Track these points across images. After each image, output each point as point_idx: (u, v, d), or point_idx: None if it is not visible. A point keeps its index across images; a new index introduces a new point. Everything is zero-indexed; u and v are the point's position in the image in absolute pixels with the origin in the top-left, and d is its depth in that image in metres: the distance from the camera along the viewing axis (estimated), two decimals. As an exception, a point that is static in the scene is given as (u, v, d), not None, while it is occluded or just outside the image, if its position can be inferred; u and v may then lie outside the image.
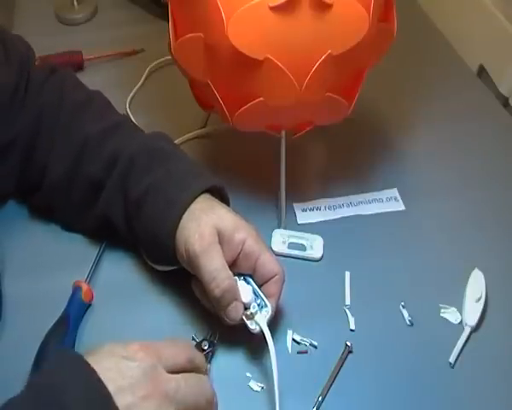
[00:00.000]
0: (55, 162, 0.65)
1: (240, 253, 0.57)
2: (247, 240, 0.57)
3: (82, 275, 0.64)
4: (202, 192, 0.59)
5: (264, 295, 0.58)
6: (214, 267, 0.55)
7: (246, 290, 0.57)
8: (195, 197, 0.59)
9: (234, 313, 0.56)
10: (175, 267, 0.61)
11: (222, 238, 0.57)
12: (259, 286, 0.58)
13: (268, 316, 0.57)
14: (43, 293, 0.63)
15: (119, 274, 0.66)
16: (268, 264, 0.58)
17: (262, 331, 0.56)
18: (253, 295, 0.57)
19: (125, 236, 0.64)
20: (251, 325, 0.57)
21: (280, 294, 0.58)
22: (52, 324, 0.59)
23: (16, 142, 0.65)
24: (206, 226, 0.56)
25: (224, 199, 0.62)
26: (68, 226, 0.69)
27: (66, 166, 0.65)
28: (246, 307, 0.57)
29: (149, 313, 0.62)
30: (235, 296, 0.56)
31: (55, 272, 0.65)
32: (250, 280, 0.58)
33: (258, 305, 0.57)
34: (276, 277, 0.58)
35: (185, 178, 0.61)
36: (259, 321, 0.56)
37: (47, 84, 0.68)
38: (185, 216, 0.58)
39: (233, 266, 0.58)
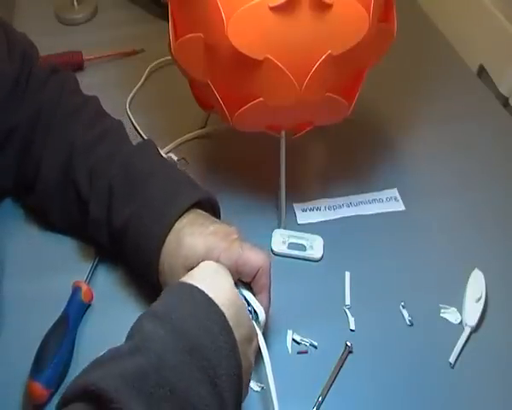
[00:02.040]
0: (48, 162, 0.66)
1: None
2: (220, 258, 0.55)
3: (82, 275, 0.64)
4: (181, 215, 0.58)
5: (255, 296, 0.57)
6: None
7: None
8: (171, 227, 0.58)
9: None
10: None
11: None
12: (250, 287, 0.58)
13: (262, 320, 0.56)
14: (43, 293, 0.63)
15: (119, 274, 0.66)
16: (248, 264, 0.56)
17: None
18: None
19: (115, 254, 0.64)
20: None
21: (270, 283, 0.57)
22: (52, 324, 0.59)
23: (14, 134, 0.66)
24: (179, 274, 0.55)
25: (213, 205, 0.62)
26: (63, 230, 0.69)
27: (57, 168, 0.65)
28: None
29: (149, 313, 0.62)
30: None
31: (54, 273, 0.65)
32: (240, 288, 0.57)
33: (251, 312, 0.57)
34: (260, 270, 0.56)
35: (161, 206, 0.59)
36: None
37: (48, 83, 0.69)
38: (163, 252, 0.57)
39: None
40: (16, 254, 0.67)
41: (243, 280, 0.57)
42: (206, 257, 0.55)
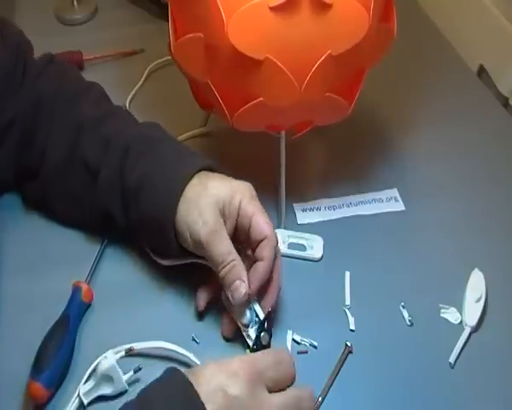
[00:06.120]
0: (53, 146, 0.65)
1: (238, 215, 0.58)
2: (241, 202, 0.58)
3: (82, 275, 0.64)
4: (196, 173, 0.60)
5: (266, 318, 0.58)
6: (220, 252, 0.56)
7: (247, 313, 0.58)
8: (189, 180, 0.59)
9: (237, 293, 0.56)
10: (177, 263, 0.62)
11: (223, 212, 0.58)
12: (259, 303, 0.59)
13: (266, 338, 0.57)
14: (42, 293, 0.63)
15: (119, 274, 0.66)
16: (258, 226, 0.58)
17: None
18: (253, 318, 0.58)
19: (125, 227, 0.63)
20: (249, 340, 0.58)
21: (272, 257, 0.58)
22: (52, 324, 0.58)
23: (13, 125, 0.66)
24: (208, 211, 0.57)
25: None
26: (67, 218, 0.68)
27: (63, 150, 0.65)
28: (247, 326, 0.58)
29: (149, 313, 0.62)
30: (239, 276, 0.56)
31: (54, 272, 0.65)
32: (255, 307, 0.58)
33: (260, 324, 0.58)
34: (266, 240, 0.57)
35: (178, 162, 0.61)
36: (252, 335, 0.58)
37: (46, 71, 0.68)
38: (182, 204, 0.58)
39: (235, 231, 0.59)
40: (16, 254, 0.67)
41: (247, 243, 0.59)
42: (230, 201, 0.58)
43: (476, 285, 0.65)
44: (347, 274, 0.66)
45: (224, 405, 0.45)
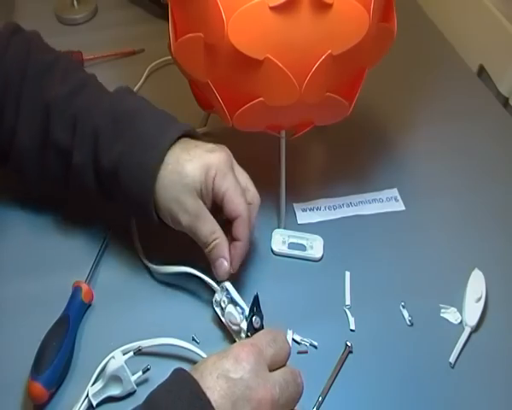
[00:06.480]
0: (24, 130, 0.64)
1: (212, 192, 0.59)
2: (215, 178, 0.58)
3: (82, 275, 0.64)
4: (171, 146, 0.60)
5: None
6: (203, 234, 0.59)
7: (235, 313, 0.58)
8: (164, 157, 0.59)
9: (220, 270, 0.59)
10: (175, 271, 0.62)
11: (201, 194, 0.59)
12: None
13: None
14: (42, 293, 0.63)
15: (119, 274, 0.66)
16: (231, 204, 0.58)
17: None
18: (241, 318, 0.58)
19: (107, 203, 0.64)
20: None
21: (248, 235, 0.60)
22: (52, 324, 0.59)
23: None
24: (186, 199, 0.58)
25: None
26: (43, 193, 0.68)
27: (34, 137, 0.64)
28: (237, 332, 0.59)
29: (149, 313, 0.63)
30: (222, 254, 0.59)
31: (54, 273, 0.65)
32: (244, 308, 0.59)
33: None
34: (240, 219, 0.59)
35: (152, 139, 0.60)
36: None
37: (11, 45, 0.66)
38: (160, 189, 0.58)
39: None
40: (16, 254, 0.67)
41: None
42: (205, 179, 0.58)
43: (476, 285, 0.65)
44: (347, 274, 0.66)
45: (228, 388, 0.46)
